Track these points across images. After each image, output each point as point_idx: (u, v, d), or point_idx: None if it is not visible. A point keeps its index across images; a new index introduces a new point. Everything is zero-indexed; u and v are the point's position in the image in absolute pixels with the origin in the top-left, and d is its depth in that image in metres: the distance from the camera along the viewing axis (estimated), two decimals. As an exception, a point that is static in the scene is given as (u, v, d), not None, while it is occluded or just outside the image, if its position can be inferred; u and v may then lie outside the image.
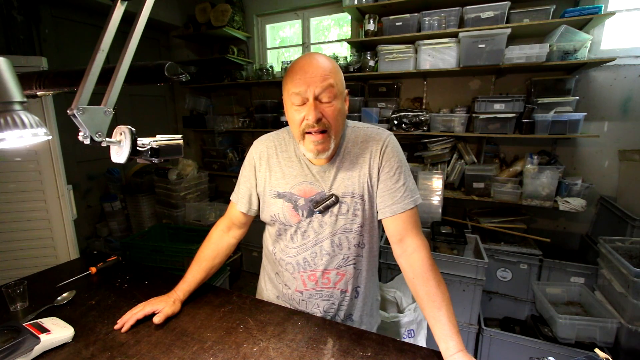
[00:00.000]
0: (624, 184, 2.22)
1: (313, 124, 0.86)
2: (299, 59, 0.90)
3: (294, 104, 0.88)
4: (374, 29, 2.49)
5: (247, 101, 3.45)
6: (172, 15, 3.31)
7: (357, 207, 0.97)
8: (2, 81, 0.54)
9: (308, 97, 0.85)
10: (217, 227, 1.11)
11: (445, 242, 2.11)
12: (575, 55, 2.04)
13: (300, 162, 0.99)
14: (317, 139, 0.88)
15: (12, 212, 2.01)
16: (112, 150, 0.59)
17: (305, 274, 1.02)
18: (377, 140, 0.97)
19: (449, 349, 0.80)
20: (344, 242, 0.99)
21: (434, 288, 0.87)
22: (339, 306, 1.04)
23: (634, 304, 1.59)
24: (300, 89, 0.85)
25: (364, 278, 1.05)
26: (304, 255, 1.01)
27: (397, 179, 0.95)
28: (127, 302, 1.08)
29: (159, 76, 0.64)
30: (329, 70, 0.87)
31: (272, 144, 1.03)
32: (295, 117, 0.88)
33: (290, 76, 0.88)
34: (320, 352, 0.86)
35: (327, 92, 0.86)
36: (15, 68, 0.57)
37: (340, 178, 0.97)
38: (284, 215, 0.99)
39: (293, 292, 1.05)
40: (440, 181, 2.41)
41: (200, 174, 3.28)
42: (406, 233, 0.95)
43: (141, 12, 0.60)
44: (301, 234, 1.00)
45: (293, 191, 0.98)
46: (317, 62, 0.87)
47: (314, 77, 0.84)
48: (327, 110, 0.87)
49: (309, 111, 0.85)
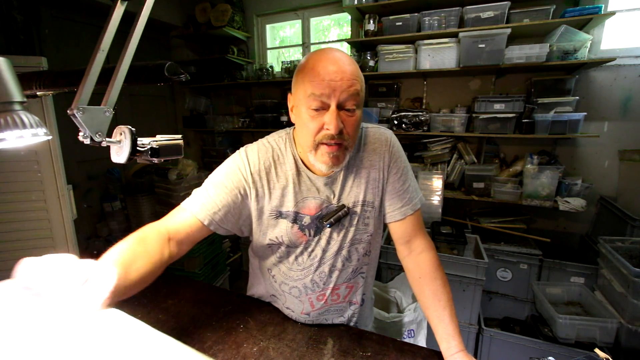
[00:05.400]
0: (624, 184, 2.21)
1: (333, 135, 0.74)
2: (320, 55, 0.76)
3: (310, 108, 0.75)
4: (374, 29, 2.49)
5: (247, 101, 3.45)
6: (172, 15, 3.31)
7: (367, 216, 0.90)
8: (2, 81, 0.54)
9: (330, 104, 0.73)
10: (152, 228, 0.77)
11: (445, 242, 2.11)
12: (575, 55, 2.04)
13: (300, 174, 0.86)
14: (332, 151, 0.77)
15: (12, 212, 2.00)
16: (112, 150, 0.59)
17: (313, 296, 0.94)
18: (381, 140, 0.90)
19: (450, 348, 0.80)
20: (354, 254, 0.93)
21: (441, 287, 0.87)
22: (349, 318, 1.01)
23: (634, 304, 1.58)
24: (322, 92, 0.72)
25: (369, 284, 1.03)
26: (312, 277, 0.92)
27: (405, 180, 0.91)
28: (127, 302, 1.08)
29: (159, 76, 0.64)
30: (356, 74, 0.76)
31: (269, 156, 0.86)
32: (309, 124, 0.75)
33: (309, 74, 0.74)
34: (320, 352, 0.86)
35: (352, 99, 0.74)
36: (15, 68, 0.56)
37: (348, 186, 0.88)
38: (289, 237, 0.88)
39: (298, 315, 0.97)
40: (440, 181, 2.41)
41: (200, 174, 3.27)
42: (414, 234, 0.93)
43: (141, 12, 0.60)
44: (307, 254, 0.91)
45: (297, 209, 0.86)
46: (343, 62, 0.74)
47: (340, 81, 0.72)
48: (348, 120, 0.76)
49: (330, 120, 0.73)
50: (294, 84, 0.80)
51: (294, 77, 0.80)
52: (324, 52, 0.77)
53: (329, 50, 0.78)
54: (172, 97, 3.79)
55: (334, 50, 0.78)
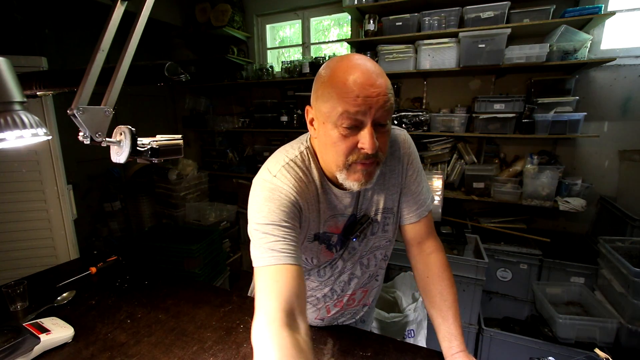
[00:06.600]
0: (624, 184, 2.22)
1: (370, 155, 0.67)
2: (348, 66, 0.66)
3: (342, 126, 0.66)
4: (374, 29, 2.49)
5: (247, 101, 3.45)
6: (172, 15, 3.31)
7: (387, 222, 0.88)
8: (2, 81, 0.54)
9: (365, 122, 0.66)
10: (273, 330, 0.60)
11: (445, 242, 2.11)
12: (575, 55, 2.04)
13: (327, 192, 0.80)
14: (367, 168, 0.70)
15: (12, 212, 2.01)
16: (112, 150, 0.59)
17: (331, 303, 0.94)
18: (398, 142, 0.86)
19: (451, 348, 0.80)
20: (372, 260, 0.92)
21: (448, 288, 0.87)
22: (359, 318, 1.02)
23: (634, 304, 1.58)
24: (357, 110, 0.64)
25: (380, 285, 1.04)
26: (332, 286, 0.91)
27: (420, 181, 0.89)
28: (127, 302, 1.08)
29: (159, 76, 0.64)
30: (389, 86, 0.67)
31: (297, 177, 0.75)
32: (341, 144, 0.67)
33: (340, 89, 0.65)
34: (320, 352, 0.86)
35: (387, 114, 0.67)
36: (15, 68, 0.57)
37: (369, 195, 0.84)
38: (318, 258, 0.85)
39: (311, 320, 0.97)
40: (440, 181, 2.41)
41: (200, 174, 3.28)
42: (427, 236, 0.92)
43: (141, 12, 0.60)
44: (330, 267, 0.88)
45: (325, 229, 0.82)
46: (376, 74, 0.66)
47: (377, 97, 0.64)
48: (382, 137, 0.69)
49: (366, 140, 0.66)
50: (317, 97, 0.70)
51: (317, 89, 0.71)
52: (352, 61, 0.67)
53: (356, 59, 0.68)
54: (172, 97, 3.79)
55: (361, 58, 0.68)
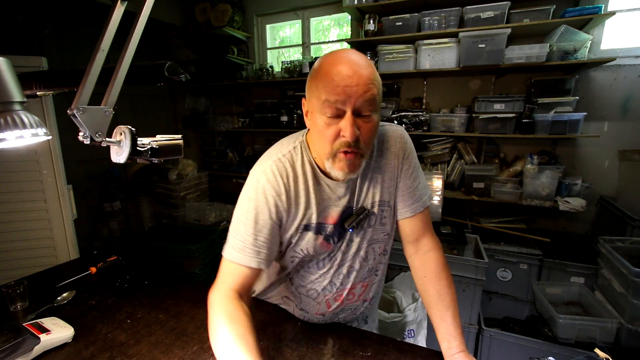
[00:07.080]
0: (624, 184, 2.22)
1: (350, 142, 0.71)
2: (334, 58, 0.71)
3: (325, 115, 0.71)
4: (374, 29, 2.49)
5: (247, 101, 3.45)
6: (172, 15, 3.31)
7: (384, 215, 0.89)
8: (2, 81, 0.54)
9: (345, 110, 0.70)
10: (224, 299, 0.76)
11: (446, 242, 2.11)
12: (575, 55, 2.04)
13: (319, 183, 0.83)
14: (350, 158, 0.74)
15: (12, 212, 2.01)
16: (112, 150, 0.59)
17: (331, 297, 0.94)
18: (395, 138, 0.88)
19: (451, 348, 0.80)
20: (371, 253, 0.92)
21: (446, 288, 0.86)
22: (360, 315, 1.02)
23: (634, 304, 1.58)
24: (336, 98, 0.68)
25: (381, 281, 1.03)
26: (331, 279, 0.92)
27: (416, 176, 0.90)
28: (127, 302, 1.08)
29: (159, 76, 0.64)
30: (372, 77, 0.71)
31: (289, 172, 0.81)
32: (325, 132, 0.72)
33: (323, 80, 0.70)
34: (320, 352, 0.86)
35: (369, 104, 0.71)
36: (15, 68, 0.57)
37: (365, 188, 0.86)
38: (314, 249, 0.86)
39: (312, 316, 0.97)
40: (440, 181, 2.41)
41: (200, 174, 3.28)
42: (423, 232, 0.93)
43: (141, 12, 0.60)
44: (328, 259, 0.90)
45: (320, 220, 0.84)
46: (358, 65, 0.70)
47: (356, 86, 0.68)
48: (364, 126, 0.72)
49: (345, 128, 0.70)
50: (308, 89, 0.76)
51: (308, 82, 0.76)
52: (338, 54, 0.72)
53: (343, 52, 0.73)
54: (172, 97, 3.79)
55: (348, 51, 0.73)
